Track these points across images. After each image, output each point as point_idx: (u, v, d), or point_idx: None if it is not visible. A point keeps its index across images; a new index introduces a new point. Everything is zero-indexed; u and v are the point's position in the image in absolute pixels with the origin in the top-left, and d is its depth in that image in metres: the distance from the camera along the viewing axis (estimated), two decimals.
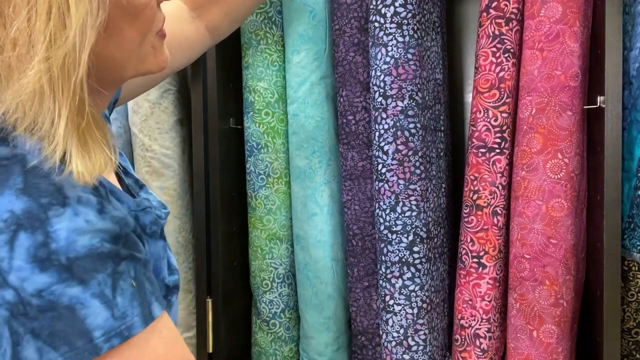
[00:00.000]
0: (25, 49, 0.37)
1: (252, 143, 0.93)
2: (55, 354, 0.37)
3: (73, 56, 0.38)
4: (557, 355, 0.74)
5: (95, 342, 0.38)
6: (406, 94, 0.77)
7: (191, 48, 0.77)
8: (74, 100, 0.38)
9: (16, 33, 0.37)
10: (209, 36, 0.79)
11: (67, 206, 0.39)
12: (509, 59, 0.75)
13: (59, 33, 0.37)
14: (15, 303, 0.36)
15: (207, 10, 0.76)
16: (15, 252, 0.36)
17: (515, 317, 0.76)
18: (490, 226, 0.77)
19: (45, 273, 0.37)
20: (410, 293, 0.78)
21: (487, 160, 0.77)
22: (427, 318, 0.80)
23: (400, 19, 0.76)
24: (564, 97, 0.72)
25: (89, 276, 0.38)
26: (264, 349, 0.98)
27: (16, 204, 0.37)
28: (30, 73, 0.37)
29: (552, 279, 0.73)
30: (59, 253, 0.37)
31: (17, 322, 0.37)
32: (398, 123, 0.77)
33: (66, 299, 0.37)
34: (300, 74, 0.89)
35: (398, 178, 0.78)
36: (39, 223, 0.37)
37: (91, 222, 0.39)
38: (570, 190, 0.72)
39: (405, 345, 0.79)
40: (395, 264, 0.78)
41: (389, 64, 0.77)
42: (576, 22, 0.71)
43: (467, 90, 1.04)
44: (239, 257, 1.00)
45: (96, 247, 0.39)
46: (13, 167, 0.39)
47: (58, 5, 0.37)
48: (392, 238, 0.78)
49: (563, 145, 0.72)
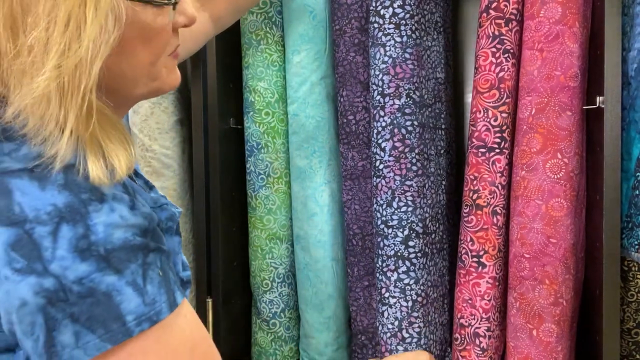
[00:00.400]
0: (40, 57, 0.39)
1: (252, 143, 0.94)
2: (93, 336, 0.40)
3: (84, 66, 0.40)
4: (556, 354, 0.74)
5: (128, 325, 0.41)
6: (403, 92, 0.79)
7: (194, 39, 0.78)
8: (82, 107, 0.41)
9: (33, 40, 0.39)
10: (212, 26, 0.80)
11: (104, 202, 0.42)
12: (509, 59, 0.75)
13: (73, 44, 0.40)
14: (55, 290, 0.39)
15: (211, 0, 0.77)
16: (59, 242, 0.39)
17: (515, 316, 0.76)
18: (489, 226, 0.77)
19: (85, 262, 0.40)
20: (405, 286, 0.80)
21: (487, 160, 0.77)
22: (423, 311, 0.81)
23: (398, 19, 0.78)
24: (564, 98, 0.72)
25: (123, 266, 0.41)
26: (264, 348, 0.98)
27: (58, 198, 0.40)
28: (40, 78, 0.39)
29: (551, 278, 0.73)
30: (98, 244, 0.40)
31: (56, 308, 0.39)
32: (395, 121, 0.79)
33: (104, 286, 0.40)
34: (301, 74, 0.89)
35: (394, 174, 0.79)
36: (80, 217, 0.40)
37: (125, 218, 0.43)
38: (569, 190, 0.73)
39: (399, 337, 0.81)
40: (391, 258, 0.80)
41: (387, 64, 0.78)
42: (575, 23, 0.71)
43: (468, 90, 1.04)
44: (239, 257, 1.00)
45: (129, 240, 0.42)
46: (54, 165, 0.42)
47: (76, 17, 0.39)
48: (387, 232, 0.80)
49: (562, 145, 0.72)
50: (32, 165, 0.41)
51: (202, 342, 0.48)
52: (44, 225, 0.39)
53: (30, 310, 0.39)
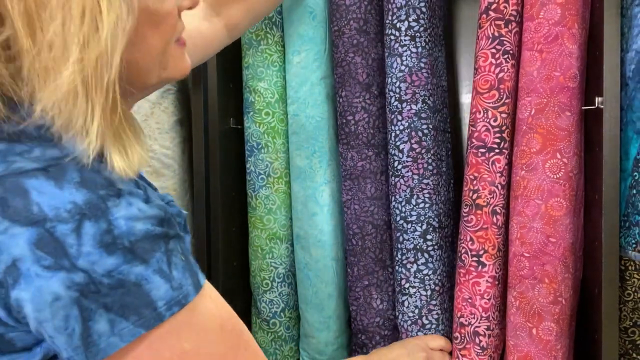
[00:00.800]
0: (61, 52, 0.40)
1: (252, 143, 0.94)
2: (127, 323, 0.42)
3: (105, 58, 0.41)
4: (556, 352, 0.75)
5: (159, 310, 0.43)
6: (419, 98, 0.84)
7: (207, 46, 0.78)
8: (107, 100, 0.42)
9: (52, 36, 0.39)
10: (226, 34, 0.80)
11: (121, 197, 0.43)
12: (509, 60, 0.76)
13: (91, 36, 0.40)
14: (86, 284, 0.40)
15: (228, 8, 0.77)
16: (83, 239, 0.40)
17: (514, 315, 0.77)
18: (489, 225, 0.78)
19: (112, 256, 0.41)
20: (424, 277, 0.85)
21: (487, 160, 0.77)
22: (440, 300, 0.87)
23: (413, 32, 0.83)
24: (563, 98, 0.73)
25: (149, 255, 0.43)
26: (264, 348, 0.98)
27: (77, 195, 0.41)
28: (65, 74, 0.39)
29: (551, 277, 0.74)
30: (122, 237, 0.42)
31: (89, 299, 0.40)
32: (412, 124, 0.84)
33: (133, 276, 0.42)
34: (301, 74, 0.89)
35: (412, 174, 0.84)
36: (101, 212, 0.41)
37: (142, 210, 0.44)
38: (569, 189, 0.73)
39: (419, 324, 0.86)
40: (411, 251, 0.85)
41: (404, 72, 0.83)
42: (575, 24, 0.72)
43: (461, 92, 1.05)
44: (239, 257, 1.00)
45: (150, 230, 0.44)
46: (67, 164, 0.42)
47: (91, 9, 0.40)
48: (407, 227, 0.85)
49: (562, 145, 0.73)
50: (47, 164, 0.42)
51: (229, 319, 0.51)
52: (65, 223, 0.40)
53: (64, 304, 0.40)
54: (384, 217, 0.89)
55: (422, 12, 0.82)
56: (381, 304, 0.90)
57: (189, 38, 0.66)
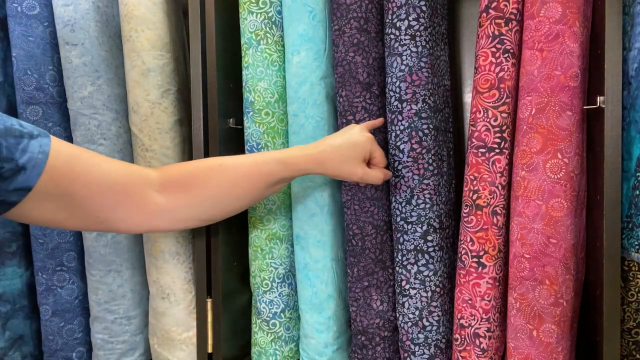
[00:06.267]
0: None
1: (252, 143, 0.93)
2: None
3: None
4: (557, 354, 0.74)
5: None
6: (420, 98, 0.83)
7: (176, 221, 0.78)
8: None
9: None
10: (198, 223, 0.81)
11: None
12: (509, 59, 0.75)
13: None
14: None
15: (174, 192, 0.75)
16: None
17: (515, 317, 0.76)
18: (489, 226, 0.77)
19: None
20: (424, 278, 0.84)
21: (487, 160, 0.77)
22: (441, 301, 0.86)
23: (413, 31, 0.82)
24: (564, 97, 0.72)
25: None
26: (264, 349, 0.98)
27: None
28: None
29: (552, 279, 0.73)
30: None
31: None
32: (413, 124, 0.83)
33: None
34: (301, 74, 0.89)
35: (413, 174, 0.84)
36: None
37: None
38: (569, 190, 0.72)
39: (420, 325, 0.85)
40: (411, 252, 0.84)
41: (404, 72, 0.83)
42: (576, 23, 0.71)
43: (464, 92, 1.05)
44: (239, 257, 1.00)
45: None
46: None
47: None
48: (407, 228, 0.84)
49: (563, 145, 0.72)
50: None
51: None
52: None
53: None
54: (384, 218, 0.89)
55: (422, 10, 0.82)
56: (381, 305, 0.89)
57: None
